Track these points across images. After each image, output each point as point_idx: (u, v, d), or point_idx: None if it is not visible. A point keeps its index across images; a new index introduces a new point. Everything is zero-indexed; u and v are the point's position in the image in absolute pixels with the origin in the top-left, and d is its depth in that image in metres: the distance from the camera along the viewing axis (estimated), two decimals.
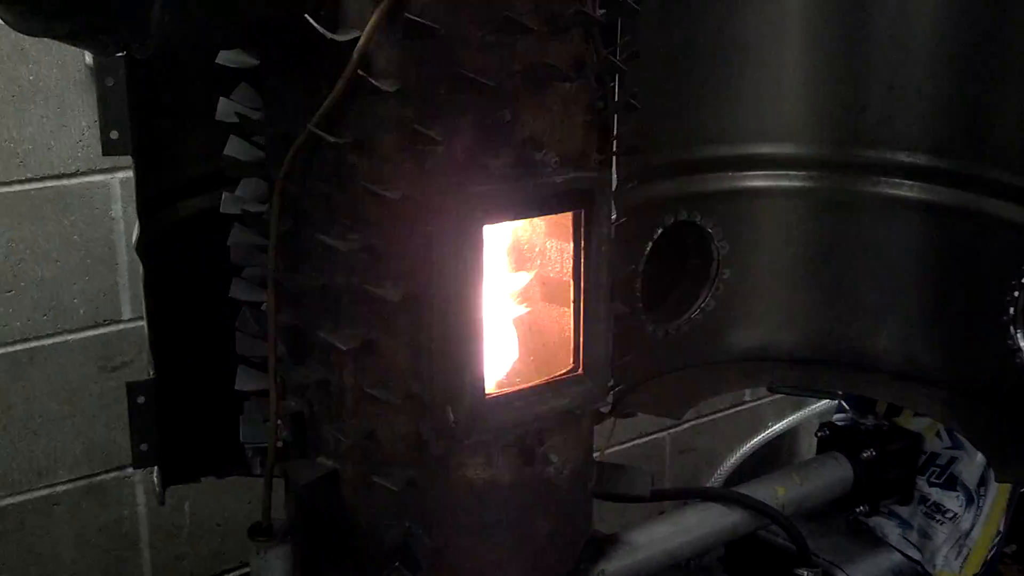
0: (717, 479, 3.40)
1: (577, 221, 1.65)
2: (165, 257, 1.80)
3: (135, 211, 1.73)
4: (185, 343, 1.86)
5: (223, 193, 1.73)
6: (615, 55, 1.71)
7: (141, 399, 1.81)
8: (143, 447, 1.82)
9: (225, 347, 1.75)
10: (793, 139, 2.31)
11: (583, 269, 1.66)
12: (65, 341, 2.47)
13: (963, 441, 2.59)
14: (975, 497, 2.67)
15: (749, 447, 3.43)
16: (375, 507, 1.67)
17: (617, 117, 1.81)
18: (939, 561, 2.68)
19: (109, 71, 1.65)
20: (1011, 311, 2.16)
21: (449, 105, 1.49)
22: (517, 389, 1.65)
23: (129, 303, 2.52)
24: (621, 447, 3.30)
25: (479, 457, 1.64)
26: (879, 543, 2.71)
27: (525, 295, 1.76)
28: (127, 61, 1.64)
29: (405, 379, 1.58)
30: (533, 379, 1.69)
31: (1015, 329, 2.16)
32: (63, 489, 2.53)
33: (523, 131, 1.55)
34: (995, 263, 2.18)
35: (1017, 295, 2.15)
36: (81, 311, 2.47)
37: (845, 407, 2.72)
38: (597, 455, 1.94)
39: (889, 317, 2.35)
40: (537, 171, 1.56)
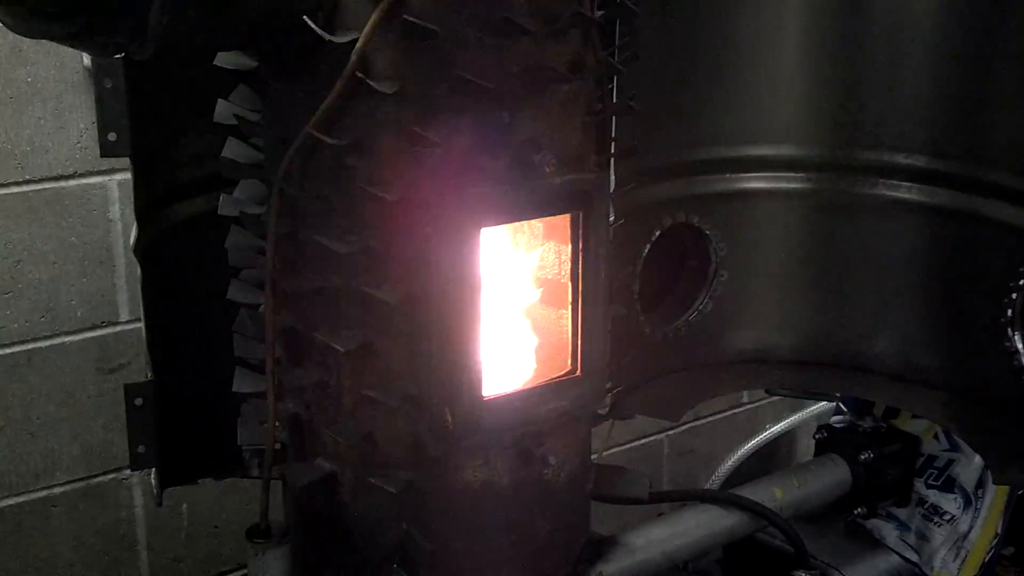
0: (715, 481, 3.38)
1: (575, 223, 1.65)
2: (163, 259, 1.80)
3: (133, 213, 1.73)
4: (183, 345, 1.86)
5: (221, 195, 1.72)
6: (613, 56, 1.71)
7: (139, 401, 1.80)
8: (141, 449, 1.82)
9: (223, 349, 1.75)
10: (791, 141, 2.31)
11: (581, 271, 1.66)
12: (63, 343, 2.47)
13: (961, 443, 2.59)
14: (973, 499, 2.67)
15: (747, 449, 3.42)
16: (373, 509, 1.67)
17: (615, 119, 1.81)
18: (937, 563, 2.68)
19: (107, 73, 1.65)
20: (1009, 313, 2.16)
21: (447, 107, 1.49)
22: (515, 391, 1.65)
23: (127, 305, 2.52)
24: (619, 449, 3.30)
25: (477, 459, 1.64)
26: (877, 545, 2.70)
27: (524, 296, 1.76)
28: (125, 63, 1.64)
29: (403, 381, 1.58)
30: (531, 381, 1.69)
31: (1013, 331, 2.16)
32: (61, 491, 2.53)
33: (521, 133, 1.54)
34: (993, 265, 2.18)
35: (1015, 297, 2.15)
36: (79, 313, 2.47)
37: (843, 409, 2.71)
38: (595, 457, 1.93)
39: (887, 319, 2.35)
40: (535, 173, 1.56)
